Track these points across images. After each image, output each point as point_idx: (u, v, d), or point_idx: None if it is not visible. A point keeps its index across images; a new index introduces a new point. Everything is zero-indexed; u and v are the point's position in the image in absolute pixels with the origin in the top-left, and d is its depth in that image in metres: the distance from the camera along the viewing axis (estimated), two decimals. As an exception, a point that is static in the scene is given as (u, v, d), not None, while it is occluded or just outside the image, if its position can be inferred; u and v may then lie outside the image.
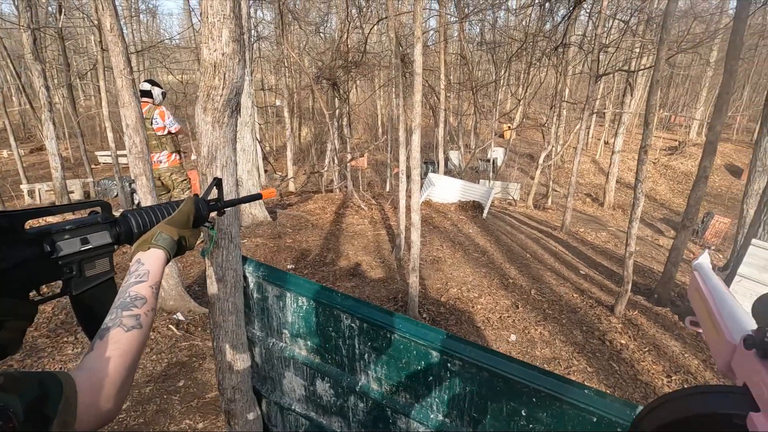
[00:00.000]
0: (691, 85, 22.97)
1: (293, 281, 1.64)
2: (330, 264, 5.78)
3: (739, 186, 18.22)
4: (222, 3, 1.34)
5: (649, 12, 12.94)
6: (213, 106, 1.42)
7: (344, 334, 1.56)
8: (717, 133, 5.11)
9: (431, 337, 1.35)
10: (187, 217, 0.91)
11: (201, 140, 1.47)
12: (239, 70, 1.44)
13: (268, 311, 1.78)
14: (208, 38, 1.36)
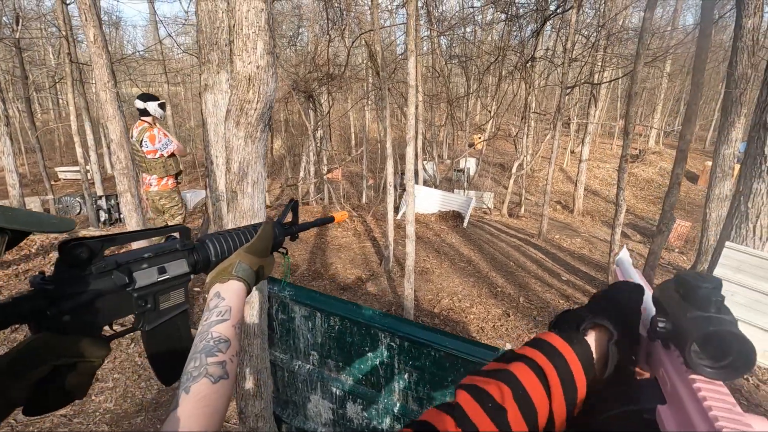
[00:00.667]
0: (648, 97, 24.34)
1: (325, 300, 1.58)
2: (318, 278, 5.67)
3: (697, 191, 19.33)
4: (257, 15, 1.30)
5: (610, 28, 13.66)
6: (246, 120, 1.36)
7: (382, 353, 1.50)
8: (687, 141, 5.40)
9: (481, 353, 1.32)
10: (266, 245, 0.84)
11: (231, 156, 1.40)
12: (272, 83, 1.39)
13: (294, 332, 1.70)
14: (242, 50, 1.31)
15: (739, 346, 0.38)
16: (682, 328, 0.41)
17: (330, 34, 8.41)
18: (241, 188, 1.43)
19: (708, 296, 0.41)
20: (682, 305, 0.43)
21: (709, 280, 0.42)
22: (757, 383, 4.35)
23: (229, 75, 3.45)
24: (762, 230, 4.82)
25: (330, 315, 1.58)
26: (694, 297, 0.42)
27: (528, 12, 12.02)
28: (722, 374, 0.39)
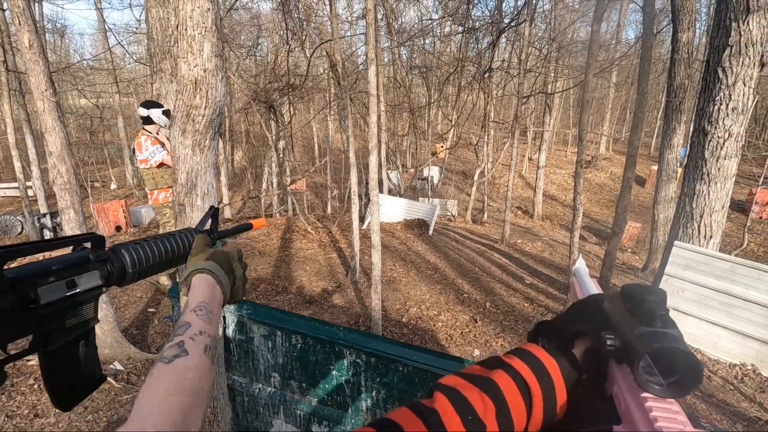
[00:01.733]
0: (598, 106, 25.73)
1: (286, 318, 1.49)
2: (284, 292, 5.49)
3: (645, 193, 20.49)
4: (203, 15, 1.21)
5: (560, 41, 14.36)
6: (194, 127, 1.26)
7: (348, 371, 1.43)
8: (635, 147, 5.69)
9: (450, 366, 1.27)
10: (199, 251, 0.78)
11: (178, 166, 1.29)
12: (222, 87, 1.30)
13: (253, 354, 1.59)
14: (187, 52, 1.22)
15: (686, 362, 0.38)
16: (630, 345, 0.40)
17: (290, 44, 8.30)
18: (189, 201, 1.32)
19: (653, 310, 0.40)
20: (629, 320, 0.42)
21: (654, 293, 0.42)
22: (709, 374, 4.58)
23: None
24: (706, 229, 5.12)
25: (291, 333, 1.49)
26: (639, 311, 0.41)
27: (484, 25, 12.44)
28: (671, 392, 0.38)
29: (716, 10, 4.85)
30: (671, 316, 0.41)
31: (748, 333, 4.73)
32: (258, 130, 17.97)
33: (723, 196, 5.00)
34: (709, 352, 4.93)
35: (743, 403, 4.11)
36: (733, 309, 4.84)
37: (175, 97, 1.29)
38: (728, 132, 4.73)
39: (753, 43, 4.43)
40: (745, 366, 4.70)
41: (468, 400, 0.45)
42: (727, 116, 4.69)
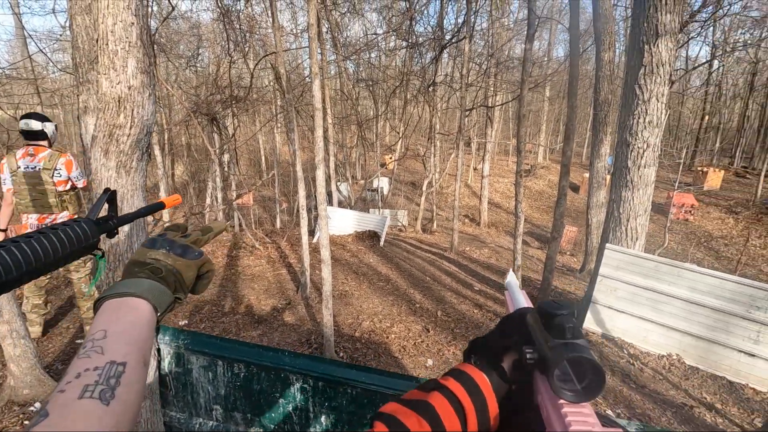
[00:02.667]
0: (534, 118, 27.40)
1: (227, 346, 1.41)
2: (230, 313, 5.24)
3: (579, 199, 21.95)
4: (126, 29, 1.14)
5: (498, 57, 15.17)
6: (118, 148, 1.17)
7: (295, 397, 1.37)
8: (568, 157, 6.10)
9: (399, 384, 1.26)
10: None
11: (100, 189, 1.19)
12: (149, 106, 1.23)
13: (192, 387, 1.49)
14: (108, 68, 1.14)
15: (591, 368, 0.42)
16: (545, 357, 0.44)
17: (232, 55, 8.08)
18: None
19: (563, 323, 0.45)
20: (544, 334, 0.47)
21: (563, 307, 0.47)
22: (641, 366, 4.94)
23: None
24: (632, 232, 5.56)
25: (234, 362, 1.41)
26: (551, 325, 0.46)
27: (426, 41, 12.86)
28: (581, 397, 0.42)
29: (631, 33, 5.36)
30: (608, 314, 0.46)
31: (671, 325, 5.17)
32: (200, 143, 17.24)
33: (645, 201, 5.47)
34: (640, 345, 5.32)
35: (671, 391, 4.47)
36: (659, 304, 5.27)
37: (95, 115, 1.20)
38: (646, 143, 5.20)
39: (663, 63, 4.94)
40: (671, 356, 5.12)
41: (406, 426, 0.47)
42: (645, 129, 5.16)
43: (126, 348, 0.46)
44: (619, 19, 20.38)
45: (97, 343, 0.45)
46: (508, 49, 15.52)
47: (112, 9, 1.11)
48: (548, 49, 23.17)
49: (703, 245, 16.20)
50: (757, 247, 15.24)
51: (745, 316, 4.78)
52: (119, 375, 0.42)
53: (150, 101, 1.23)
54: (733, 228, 17.09)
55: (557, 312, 0.46)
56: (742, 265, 13.70)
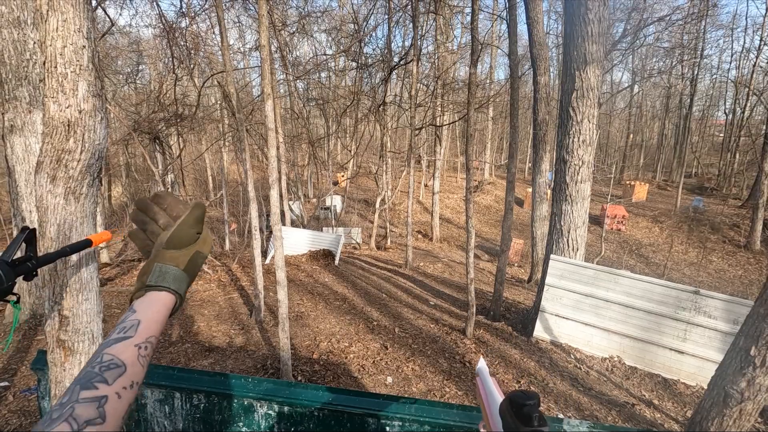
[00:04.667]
0: (479, 137, 28.72)
1: (185, 376, 1.36)
2: (178, 342, 4.94)
3: (524, 213, 23.09)
4: (77, 52, 1.11)
5: (444, 79, 15.84)
6: (66, 174, 1.12)
7: (259, 425, 1.34)
8: (513, 174, 6.47)
9: (368, 404, 1.28)
10: (195, 228, 0.64)
11: (45, 217, 1.13)
12: (102, 130, 1.19)
13: (146, 423, 1.41)
14: (57, 92, 1.09)
15: None
16: None
17: (176, 73, 7.83)
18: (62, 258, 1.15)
19: (530, 413, 0.52)
20: (515, 423, 0.53)
21: (530, 397, 0.54)
22: (587, 370, 5.24)
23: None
24: (573, 242, 5.95)
25: (192, 392, 1.36)
26: (521, 414, 0.53)
27: (375, 62, 13.20)
28: None
29: (563, 60, 5.84)
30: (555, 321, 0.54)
31: (611, 329, 5.55)
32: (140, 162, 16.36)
33: (583, 214, 5.90)
34: (584, 349, 5.65)
35: (615, 391, 4.77)
36: (599, 309, 5.65)
37: (41, 140, 1.15)
38: (581, 160, 5.64)
39: (592, 88, 5.43)
40: (613, 358, 5.48)
41: None
42: (580, 147, 5.61)
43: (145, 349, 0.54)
44: (552, 46, 22.11)
45: (150, 351, 0.55)
46: (453, 72, 16.26)
47: (62, 31, 1.08)
48: (489, 72, 24.56)
49: (634, 252, 17.57)
50: (679, 253, 16.79)
51: (673, 316, 5.24)
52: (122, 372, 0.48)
53: (102, 125, 1.19)
54: (659, 236, 18.73)
55: (525, 402, 0.53)
56: (669, 270, 15.01)
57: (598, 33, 5.25)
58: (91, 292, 1.24)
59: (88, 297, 1.23)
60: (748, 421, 1.32)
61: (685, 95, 24.79)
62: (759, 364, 1.26)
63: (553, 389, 4.63)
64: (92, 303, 1.24)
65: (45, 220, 1.13)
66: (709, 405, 1.41)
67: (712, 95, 29.58)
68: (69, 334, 1.22)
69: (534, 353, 5.58)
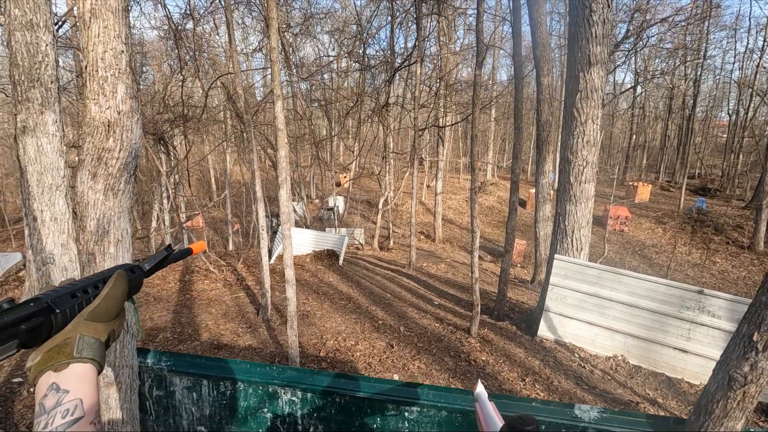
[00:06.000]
0: (482, 137, 28.76)
1: (212, 365, 1.42)
2: (188, 340, 5.02)
3: (526, 214, 23.12)
4: (117, 57, 1.18)
5: (447, 80, 15.91)
6: (106, 171, 1.19)
7: (283, 411, 1.41)
8: (517, 174, 6.52)
9: (386, 389, 1.34)
10: (118, 304, 0.62)
11: (86, 212, 1.20)
12: (137, 129, 1.26)
13: (174, 409, 1.47)
14: (98, 94, 1.16)
15: None
16: None
17: (182, 74, 7.93)
18: (100, 249, 1.22)
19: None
20: None
21: (528, 423, 0.57)
22: (591, 368, 5.28)
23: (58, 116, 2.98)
24: (577, 242, 6.00)
25: (220, 380, 1.42)
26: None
27: (379, 63, 13.28)
28: None
29: (568, 62, 5.90)
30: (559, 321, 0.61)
31: (615, 328, 5.59)
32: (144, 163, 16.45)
33: (587, 214, 5.95)
34: (589, 348, 5.69)
35: (619, 390, 4.81)
36: (604, 309, 5.69)
37: (83, 139, 1.22)
38: (585, 160, 5.70)
39: (596, 89, 5.48)
40: (617, 357, 5.52)
41: None
42: (584, 148, 5.66)
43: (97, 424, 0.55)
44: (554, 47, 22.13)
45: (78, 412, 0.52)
46: (456, 73, 16.33)
47: (103, 37, 1.15)
48: (492, 73, 24.61)
49: (637, 253, 17.57)
50: (683, 254, 16.79)
51: (677, 315, 5.28)
52: None
53: (138, 125, 1.26)
54: (662, 237, 18.73)
55: (524, 428, 0.57)
56: (672, 270, 15.02)
57: (602, 35, 5.30)
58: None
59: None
60: (752, 403, 1.37)
61: (689, 96, 24.81)
62: (761, 349, 1.32)
63: (557, 387, 4.68)
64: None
65: (86, 215, 1.20)
66: (714, 389, 1.47)
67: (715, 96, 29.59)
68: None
69: (538, 352, 5.63)
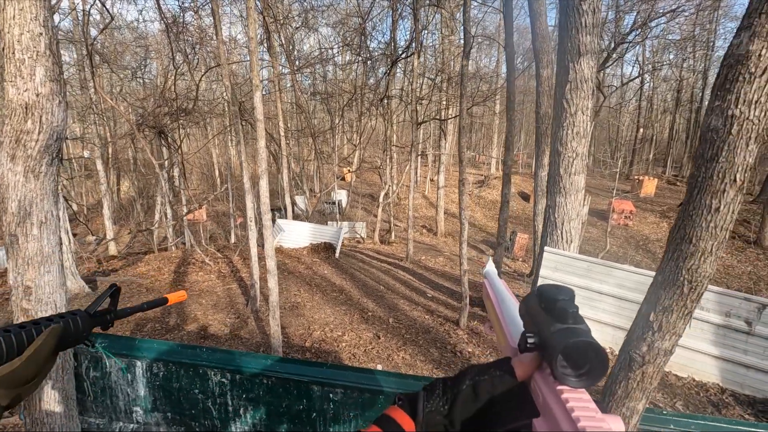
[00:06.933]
0: (486, 131, 28.59)
1: (145, 346, 1.45)
2: (174, 329, 5.08)
3: (530, 208, 22.96)
4: (34, 39, 1.18)
5: (449, 72, 15.79)
6: (25, 153, 1.20)
7: (214, 392, 1.42)
8: (509, 167, 6.47)
9: (312, 371, 1.35)
10: (36, 367, 0.59)
11: (7, 194, 1.21)
12: (60, 112, 1.27)
13: (111, 390, 1.50)
14: (15, 76, 1.18)
15: (594, 354, 0.40)
16: (547, 342, 0.43)
17: (177, 67, 7.95)
18: (23, 230, 1.24)
19: (565, 308, 0.44)
20: (545, 319, 0.45)
21: (564, 292, 0.46)
22: (579, 361, 5.26)
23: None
24: (567, 234, 5.95)
25: (152, 361, 1.45)
26: (554, 310, 0.44)
27: (378, 55, 13.21)
28: (583, 382, 0.41)
29: (558, 51, 5.82)
30: None
31: (605, 321, 5.56)
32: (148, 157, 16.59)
33: (576, 206, 5.89)
34: (578, 341, 5.66)
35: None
36: (593, 302, 5.66)
37: (1, 121, 1.24)
38: (575, 152, 5.63)
39: (585, 80, 5.40)
40: (606, 350, 5.49)
41: None
42: (573, 139, 5.59)
43: None
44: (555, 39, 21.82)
45: None
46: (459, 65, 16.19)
47: (19, 20, 1.16)
48: (496, 66, 24.36)
49: (641, 248, 17.39)
50: (686, 248, 16.57)
51: (666, 308, 5.23)
52: None
53: (60, 108, 1.27)
54: (667, 231, 18.50)
55: (559, 297, 0.45)
56: (674, 265, 14.82)
57: (592, 24, 5.21)
58: (52, 265, 1.33)
59: (50, 269, 1.32)
60: (650, 384, 1.36)
61: (697, 89, 24.37)
62: (657, 328, 1.31)
63: (541, 379, 4.67)
64: (54, 275, 1.33)
65: (6, 196, 1.22)
66: (617, 370, 1.46)
67: (724, 88, 28.96)
68: (32, 303, 1.31)
69: (527, 344, 5.62)
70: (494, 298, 0.64)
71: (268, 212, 3.99)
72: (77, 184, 19.75)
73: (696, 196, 1.21)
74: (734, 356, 4.95)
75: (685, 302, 1.34)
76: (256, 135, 3.77)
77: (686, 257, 1.29)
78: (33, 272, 1.28)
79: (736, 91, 1.06)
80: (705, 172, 1.14)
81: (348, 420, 1.37)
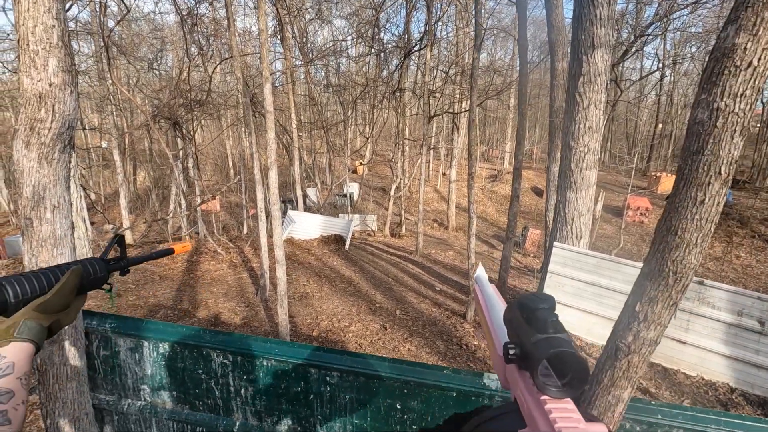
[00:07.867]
0: (499, 125, 28.29)
1: (152, 327, 1.51)
2: (186, 316, 5.22)
3: (543, 203, 22.72)
4: (47, 31, 1.24)
5: (462, 65, 15.64)
6: (39, 140, 1.26)
7: (216, 373, 1.48)
8: (520, 161, 6.42)
9: (309, 355, 1.40)
10: (64, 300, 0.74)
11: (23, 179, 1.28)
12: (72, 102, 1.32)
13: (120, 369, 1.57)
14: (29, 67, 1.23)
15: (574, 363, 0.41)
16: (528, 353, 0.43)
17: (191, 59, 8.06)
18: (37, 214, 1.31)
19: (545, 318, 0.44)
20: (526, 329, 0.45)
21: (544, 300, 0.46)
22: (586, 357, 5.25)
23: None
24: (576, 230, 5.90)
25: (158, 342, 1.51)
26: (534, 319, 0.44)
27: (391, 48, 13.15)
28: (565, 392, 0.41)
29: (571, 44, 5.73)
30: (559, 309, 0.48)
31: (612, 317, 5.50)
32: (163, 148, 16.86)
33: (587, 202, 5.83)
34: (585, 337, 5.64)
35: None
36: (601, 298, 5.62)
37: (18, 110, 1.29)
38: (587, 147, 5.56)
39: (599, 73, 5.31)
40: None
41: None
42: (585, 133, 5.52)
43: (24, 380, 0.66)
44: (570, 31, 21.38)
45: (10, 370, 0.64)
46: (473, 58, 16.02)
47: (33, 12, 1.21)
48: (512, 59, 24.02)
49: (656, 246, 17.09)
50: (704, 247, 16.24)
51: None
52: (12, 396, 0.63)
53: (72, 98, 1.33)
54: (683, 229, 18.12)
55: (539, 306, 0.45)
56: (689, 264, 14.56)
57: (607, 16, 5.12)
58: (65, 247, 1.39)
59: (62, 252, 1.39)
60: (636, 373, 1.37)
61: (719, 83, 23.62)
62: (642, 318, 1.32)
63: (546, 373, 4.68)
64: (66, 258, 1.40)
65: (22, 182, 1.28)
66: (604, 359, 1.47)
67: (749, 83, 28.09)
68: (46, 283, 1.38)
69: (533, 339, 5.61)
70: (484, 304, 0.64)
71: (277, 203, 4.05)
72: (95, 173, 20.20)
73: (682, 189, 1.21)
74: (745, 356, 4.87)
75: (670, 293, 1.36)
76: (266, 126, 3.82)
77: (672, 249, 1.30)
78: (47, 254, 1.35)
79: (721, 84, 1.07)
80: (691, 165, 1.14)
81: (344, 402, 1.42)
